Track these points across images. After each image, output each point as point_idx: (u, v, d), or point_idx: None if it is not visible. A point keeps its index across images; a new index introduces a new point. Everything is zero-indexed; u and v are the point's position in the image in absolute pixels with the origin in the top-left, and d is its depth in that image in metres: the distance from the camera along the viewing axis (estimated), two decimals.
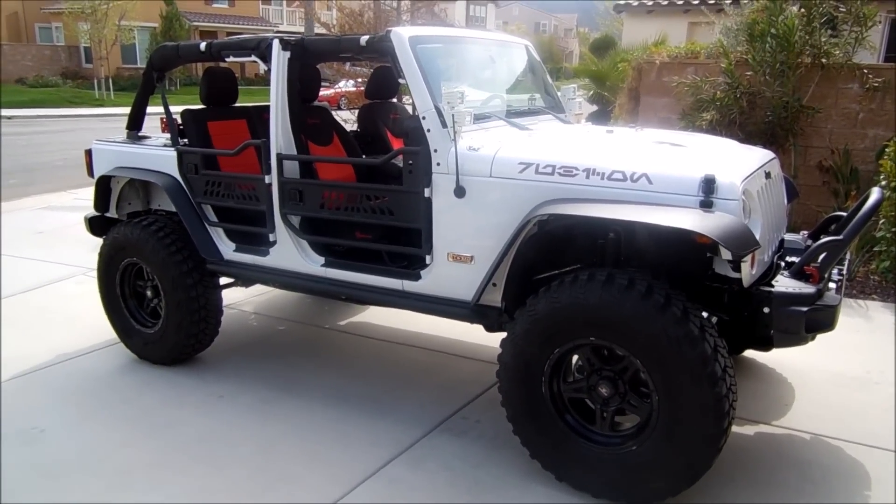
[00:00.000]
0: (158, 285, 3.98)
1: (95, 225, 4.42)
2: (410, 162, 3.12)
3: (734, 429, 3.13)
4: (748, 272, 2.61)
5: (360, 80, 10.70)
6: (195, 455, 3.20)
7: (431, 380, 3.93)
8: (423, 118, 3.08)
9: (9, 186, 10.24)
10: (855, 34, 6.27)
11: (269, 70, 3.54)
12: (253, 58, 3.66)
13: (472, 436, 3.33)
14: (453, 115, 2.90)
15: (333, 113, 4.64)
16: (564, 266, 3.10)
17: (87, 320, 4.71)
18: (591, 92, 11.91)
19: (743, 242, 2.44)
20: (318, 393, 3.77)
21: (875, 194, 2.98)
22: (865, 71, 6.34)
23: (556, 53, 45.04)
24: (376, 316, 4.89)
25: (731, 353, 2.84)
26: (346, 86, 14.74)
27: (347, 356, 4.31)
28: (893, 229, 5.23)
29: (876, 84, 6.28)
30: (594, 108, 11.81)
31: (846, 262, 3.20)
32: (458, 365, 4.13)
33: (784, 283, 2.79)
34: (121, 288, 4.20)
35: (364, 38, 3.33)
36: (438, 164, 3.04)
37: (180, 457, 3.18)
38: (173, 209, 3.97)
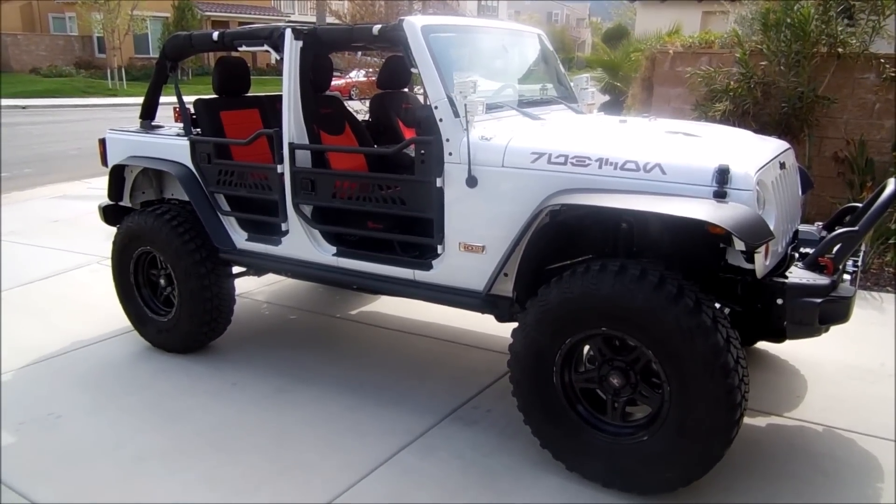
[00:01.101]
0: (172, 274, 4.01)
1: (109, 214, 4.46)
2: (422, 151, 3.12)
3: (747, 420, 3.14)
4: (762, 263, 2.59)
5: (371, 69, 10.69)
6: (209, 442, 3.23)
7: (443, 369, 3.94)
8: (436, 108, 3.07)
9: (24, 176, 10.34)
10: (872, 23, 6.18)
11: (282, 60, 3.54)
12: (265, 47, 3.66)
13: (484, 425, 3.34)
14: (465, 105, 2.90)
15: (345, 103, 4.64)
16: (576, 256, 3.09)
17: (102, 308, 4.75)
18: (604, 82, 11.82)
19: (757, 233, 2.43)
20: (331, 381, 3.79)
21: (891, 186, 2.95)
22: (882, 61, 6.25)
23: (568, 43, 44.82)
24: (388, 305, 4.90)
25: (745, 345, 2.84)
26: (358, 76, 14.74)
27: (359, 345, 4.33)
28: None
29: (893, 74, 6.19)
30: (607, 98, 11.74)
31: (861, 254, 3.17)
32: (469, 355, 4.14)
33: (798, 275, 2.77)
34: (135, 276, 4.23)
35: (377, 28, 3.33)
36: (450, 153, 3.04)
37: (195, 443, 3.22)
38: (186, 198, 4.00)
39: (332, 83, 4.41)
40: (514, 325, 2.92)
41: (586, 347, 2.84)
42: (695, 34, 8.28)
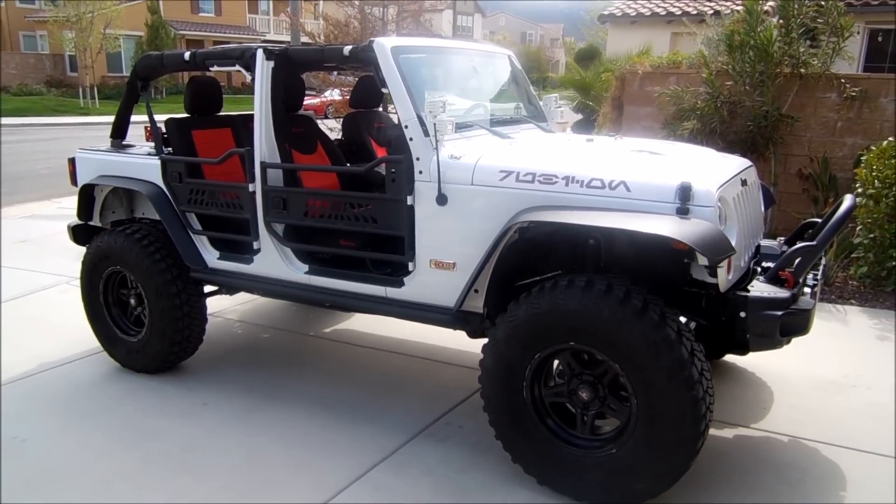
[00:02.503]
0: (142, 293, 3.98)
1: (79, 234, 4.41)
2: (393, 170, 3.15)
3: (714, 432, 3.20)
4: (724, 277, 2.66)
5: (346, 89, 10.73)
6: (179, 464, 3.20)
7: (415, 386, 3.95)
8: (406, 127, 3.12)
9: None
10: (833, 45, 6.40)
11: (254, 80, 3.56)
12: (237, 67, 3.69)
13: (455, 441, 3.35)
14: (435, 124, 2.94)
15: (320, 122, 4.66)
16: (545, 272, 3.14)
17: (71, 329, 4.69)
18: (577, 101, 11.99)
19: (718, 248, 2.50)
20: (303, 400, 3.78)
21: (847, 201, 3.05)
22: (843, 81, 6.46)
23: (542, 63, 45.38)
24: (360, 323, 4.90)
25: (711, 358, 2.89)
26: (333, 95, 14.80)
27: (332, 363, 4.32)
28: (871, 235, 5.33)
29: (854, 93, 6.40)
30: (579, 117, 11.90)
31: (821, 267, 3.26)
32: (441, 371, 4.15)
33: (759, 288, 2.85)
34: (104, 296, 4.19)
35: (347, 48, 3.37)
36: (421, 172, 3.08)
37: (163, 466, 3.18)
38: (157, 217, 3.98)
39: (308, 102, 4.43)
40: (486, 341, 2.95)
41: (555, 362, 2.88)
42: (664, 55, 8.46)
